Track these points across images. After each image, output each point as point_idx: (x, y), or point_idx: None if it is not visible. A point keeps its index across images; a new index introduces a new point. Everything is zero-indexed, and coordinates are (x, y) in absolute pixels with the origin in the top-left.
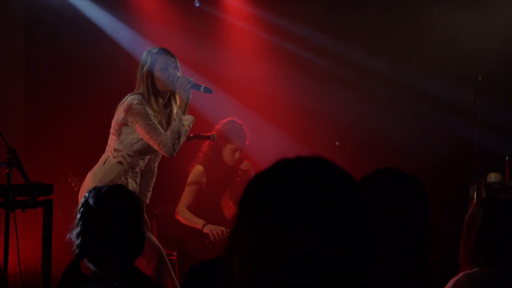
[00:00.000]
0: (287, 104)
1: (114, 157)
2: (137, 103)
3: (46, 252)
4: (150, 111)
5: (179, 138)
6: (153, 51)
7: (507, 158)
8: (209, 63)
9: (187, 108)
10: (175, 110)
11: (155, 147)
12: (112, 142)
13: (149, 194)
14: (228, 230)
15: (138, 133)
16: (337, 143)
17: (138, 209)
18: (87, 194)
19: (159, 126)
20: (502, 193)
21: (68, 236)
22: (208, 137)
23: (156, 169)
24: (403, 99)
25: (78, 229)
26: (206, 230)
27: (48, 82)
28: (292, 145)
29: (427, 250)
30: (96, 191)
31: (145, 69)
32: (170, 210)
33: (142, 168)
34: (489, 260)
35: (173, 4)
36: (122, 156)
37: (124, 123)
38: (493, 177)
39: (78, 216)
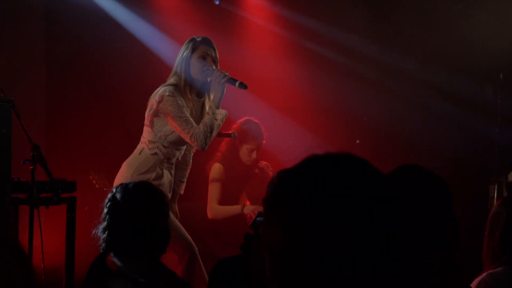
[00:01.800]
0: (308, 102)
1: (149, 149)
2: (168, 95)
3: (70, 249)
4: (182, 103)
5: (211, 132)
6: (197, 39)
7: None
8: (228, 60)
9: (220, 102)
10: (208, 100)
11: (187, 140)
12: (146, 134)
13: (183, 185)
14: None
15: (170, 125)
16: (357, 141)
17: (164, 205)
18: (114, 190)
19: (191, 119)
20: None
21: (94, 231)
22: (229, 135)
23: (191, 160)
24: (423, 96)
25: (105, 223)
26: (246, 211)
27: (68, 78)
28: (313, 143)
29: (455, 247)
30: (123, 187)
31: (184, 54)
32: (189, 208)
33: (179, 159)
34: None
35: (193, 1)
36: (157, 147)
37: (156, 115)
38: None
39: (105, 210)
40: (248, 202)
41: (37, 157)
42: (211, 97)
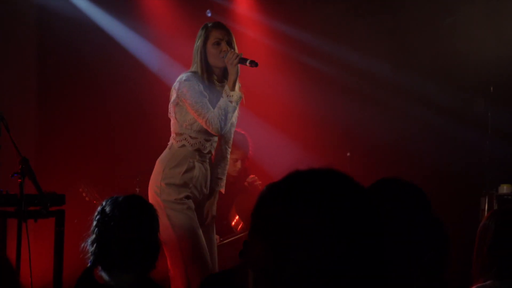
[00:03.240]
0: (298, 114)
1: (177, 142)
2: (185, 79)
3: (58, 262)
4: (199, 88)
5: (226, 115)
6: (209, 25)
7: None
8: None
9: (235, 84)
10: None
11: (203, 124)
12: (172, 127)
13: (223, 182)
14: (222, 239)
15: (189, 111)
16: (348, 154)
17: (154, 219)
18: (104, 202)
19: (207, 104)
20: None
21: (83, 244)
22: None
23: (228, 156)
24: (414, 109)
25: (94, 236)
26: None
27: (60, 91)
28: (304, 156)
29: (443, 261)
30: (113, 200)
31: (198, 43)
32: None
33: (212, 151)
34: (502, 272)
35: (185, 13)
36: (185, 139)
37: (176, 103)
38: (504, 188)
39: (94, 223)
40: (237, 216)
41: (26, 170)
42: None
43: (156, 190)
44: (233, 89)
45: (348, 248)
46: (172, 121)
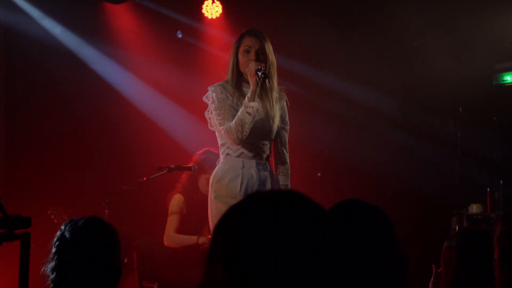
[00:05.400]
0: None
1: (222, 153)
2: (211, 90)
3: (23, 286)
4: (222, 96)
5: (243, 125)
6: (242, 32)
7: (488, 189)
8: (191, 93)
9: (253, 95)
10: (272, 90)
11: (224, 135)
12: (218, 139)
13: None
14: None
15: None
16: (319, 174)
17: (115, 242)
18: (63, 227)
19: (228, 114)
20: (483, 224)
21: (42, 269)
22: (189, 168)
23: (288, 161)
24: (385, 130)
25: (53, 263)
26: (201, 241)
27: (28, 113)
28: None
29: (400, 282)
30: (73, 224)
31: (232, 51)
32: (151, 242)
33: (262, 155)
34: None
35: (155, 35)
36: (228, 147)
37: (211, 114)
38: (474, 208)
39: (54, 250)
40: (209, 235)
41: None
42: (271, 86)
43: (210, 206)
44: (251, 99)
45: (305, 269)
46: (216, 134)
